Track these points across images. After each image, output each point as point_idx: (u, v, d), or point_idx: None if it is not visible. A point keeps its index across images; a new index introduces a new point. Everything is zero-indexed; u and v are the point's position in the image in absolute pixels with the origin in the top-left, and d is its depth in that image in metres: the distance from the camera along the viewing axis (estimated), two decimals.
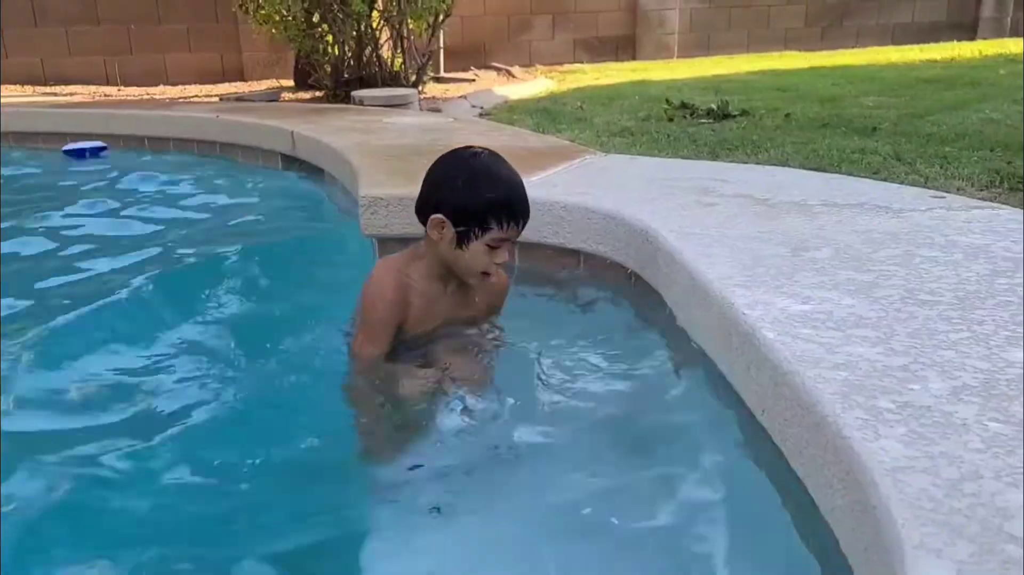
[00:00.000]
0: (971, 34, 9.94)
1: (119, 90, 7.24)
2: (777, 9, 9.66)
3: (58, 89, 7.19)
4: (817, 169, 3.04)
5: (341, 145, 3.44)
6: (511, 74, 7.98)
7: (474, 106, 5.69)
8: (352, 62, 6.13)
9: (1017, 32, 9.89)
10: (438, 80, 7.23)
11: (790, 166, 3.12)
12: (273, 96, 6.36)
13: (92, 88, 7.29)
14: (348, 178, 3.07)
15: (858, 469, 0.95)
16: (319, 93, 6.33)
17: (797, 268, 1.63)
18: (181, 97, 6.63)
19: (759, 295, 1.48)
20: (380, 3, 6.00)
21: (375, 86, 5.91)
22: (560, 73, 7.98)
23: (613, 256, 2.19)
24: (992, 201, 2.49)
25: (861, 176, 2.87)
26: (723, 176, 2.57)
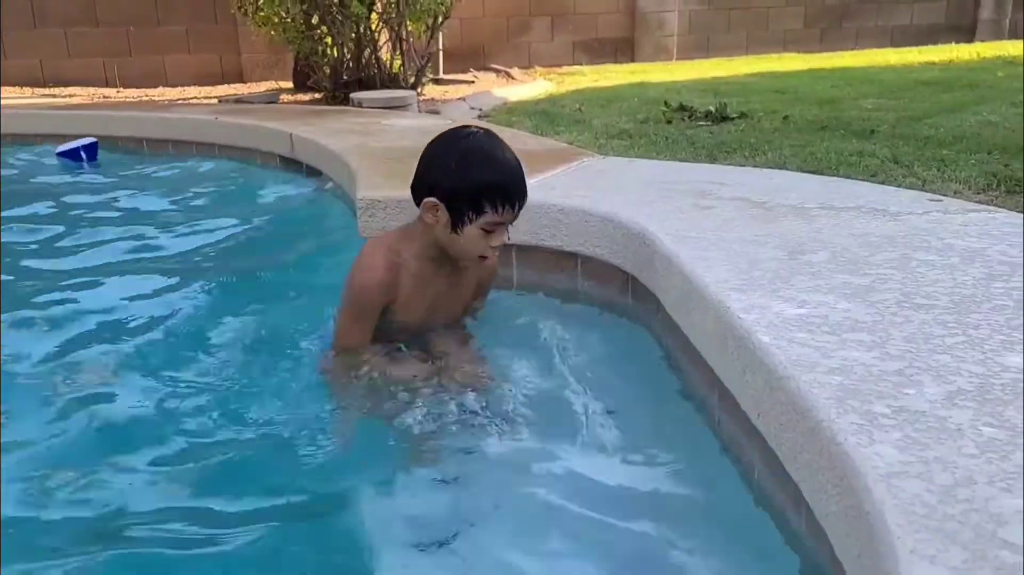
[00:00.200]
0: (969, 36, 9.95)
1: (118, 92, 7.24)
2: (776, 11, 9.67)
3: (57, 91, 7.19)
4: (815, 172, 3.05)
5: (340, 147, 3.44)
6: (510, 76, 7.98)
7: (473, 108, 5.70)
8: (351, 64, 6.13)
9: (1016, 34, 9.90)
10: (437, 82, 7.23)
11: (788, 169, 3.12)
12: (272, 98, 6.36)
13: (91, 90, 7.30)
14: (346, 180, 3.07)
15: (852, 474, 0.95)
16: (318, 95, 6.34)
17: (793, 272, 1.63)
18: (180, 99, 6.63)
19: (755, 299, 1.48)
20: (379, 5, 6.00)
21: (374, 88, 5.92)
22: (559, 75, 7.99)
23: (610, 259, 2.19)
24: (989, 204, 2.49)
25: (859, 179, 2.87)
26: (721, 179, 2.57)
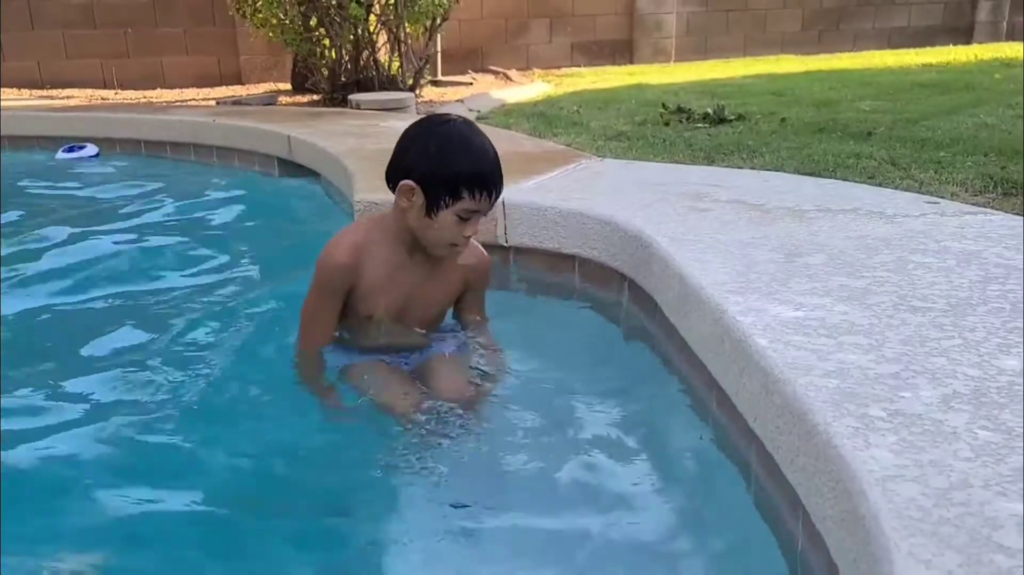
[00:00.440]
0: (967, 38, 9.97)
1: (116, 93, 7.23)
2: (774, 13, 9.68)
3: (55, 92, 7.18)
4: (812, 174, 3.05)
5: (337, 149, 3.45)
6: (508, 78, 7.99)
7: (471, 110, 5.69)
8: (349, 66, 6.13)
9: (1013, 36, 9.91)
10: (435, 84, 7.24)
11: (785, 171, 3.12)
12: (270, 100, 6.36)
13: (89, 91, 7.28)
14: (344, 182, 3.07)
15: (848, 478, 0.96)
16: (316, 97, 6.33)
17: (790, 274, 1.63)
18: (178, 100, 6.63)
19: (752, 301, 1.48)
20: (377, 7, 6.00)
21: (372, 90, 5.91)
22: (557, 77, 7.99)
23: (608, 261, 2.19)
24: (985, 206, 2.49)
25: (856, 181, 2.88)
26: (718, 181, 2.57)
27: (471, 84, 7.43)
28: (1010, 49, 8.26)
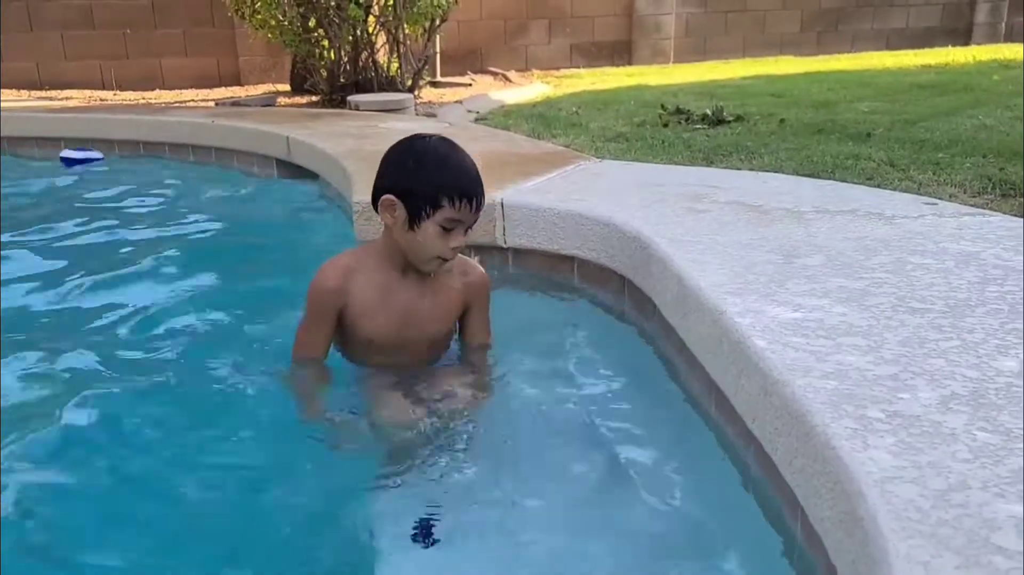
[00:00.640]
0: (965, 39, 9.98)
1: (115, 94, 7.23)
2: (773, 14, 9.69)
3: (54, 93, 7.18)
4: (811, 175, 3.05)
5: (336, 150, 3.44)
6: (507, 79, 7.99)
7: (470, 111, 5.69)
8: (348, 67, 6.13)
9: (1012, 38, 9.92)
10: (434, 85, 7.24)
11: (784, 172, 3.12)
12: (269, 101, 6.36)
13: (88, 92, 7.28)
14: (343, 184, 3.07)
15: (847, 479, 0.96)
16: (315, 98, 6.33)
17: (789, 275, 1.63)
18: (177, 102, 6.63)
19: (750, 303, 1.48)
20: (376, 8, 6.00)
21: (371, 91, 5.91)
22: (556, 78, 7.99)
23: (606, 262, 2.19)
24: (984, 208, 2.49)
25: (854, 182, 2.87)
26: (717, 182, 2.57)
27: (470, 85, 7.43)
28: (1009, 50, 8.27)
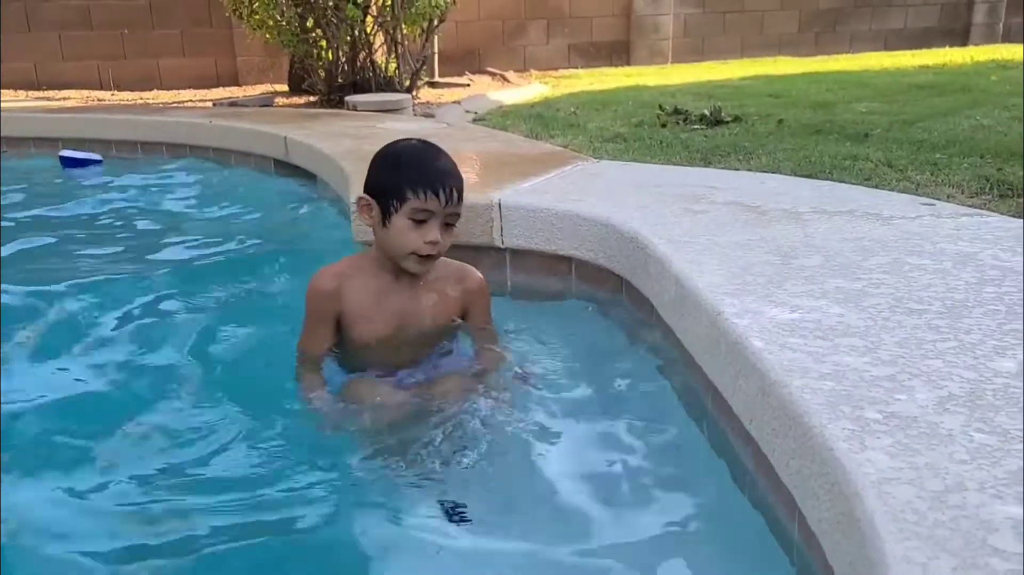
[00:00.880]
0: (963, 40, 10.00)
1: (113, 95, 7.22)
2: (771, 15, 9.70)
3: (51, 94, 7.17)
4: (809, 176, 3.05)
5: (334, 150, 3.44)
6: (505, 79, 7.99)
7: (468, 111, 5.69)
8: (346, 67, 6.12)
9: (1009, 38, 9.94)
10: (432, 85, 7.23)
11: (782, 172, 3.12)
12: (267, 101, 6.36)
13: (86, 93, 7.27)
14: (340, 184, 3.07)
15: (844, 481, 0.95)
16: (313, 98, 6.33)
17: (786, 276, 1.63)
18: (175, 102, 6.62)
19: (748, 303, 1.48)
20: (374, 8, 6.00)
21: (369, 91, 5.91)
22: (554, 78, 7.99)
23: (604, 263, 2.19)
24: (982, 208, 2.49)
25: (852, 183, 2.87)
26: (714, 183, 2.57)
27: (468, 85, 7.42)
28: (1006, 51, 8.28)
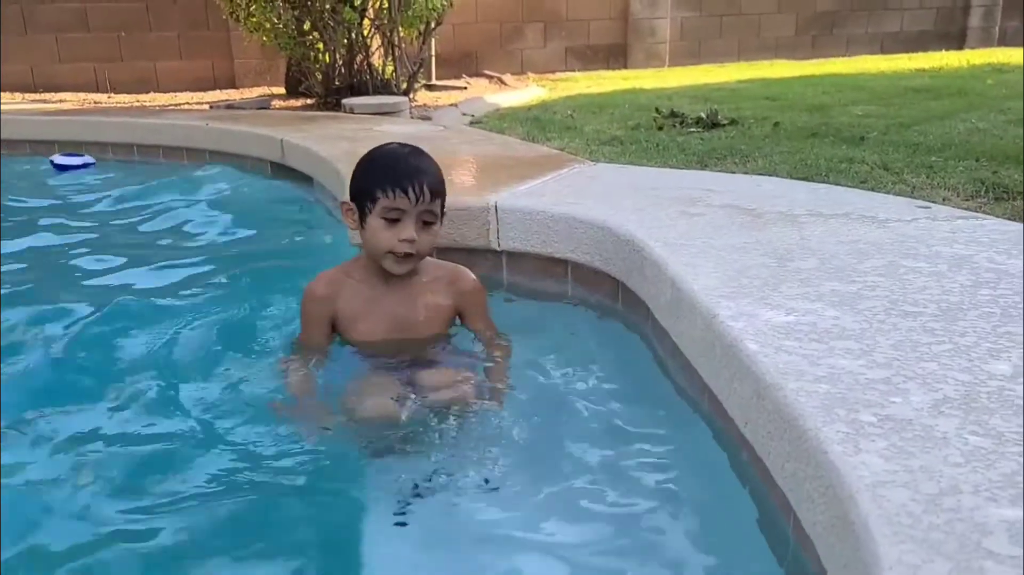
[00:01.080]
0: (959, 43, 10.03)
1: (109, 97, 7.21)
2: (767, 18, 9.72)
3: (48, 96, 7.16)
4: (805, 178, 3.05)
5: (330, 153, 3.44)
6: (502, 82, 7.99)
7: (465, 114, 5.69)
8: (343, 70, 6.12)
9: (1005, 42, 9.98)
10: (429, 88, 7.24)
11: (778, 175, 3.13)
12: (264, 104, 6.35)
13: (82, 95, 7.27)
14: (337, 186, 3.06)
15: (838, 484, 0.95)
16: (310, 101, 6.33)
17: (782, 279, 1.63)
18: (171, 105, 6.61)
19: (743, 306, 1.48)
20: (371, 11, 6.00)
21: (366, 94, 5.91)
22: (551, 81, 8.00)
23: (600, 266, 2.19)
24: (977, 211, 2.50)
25: (848, 185, 2.88)
26: (711, 186, 2.57)
27: (465, 88, 7.43)
28: (1002, 54, 8.31)
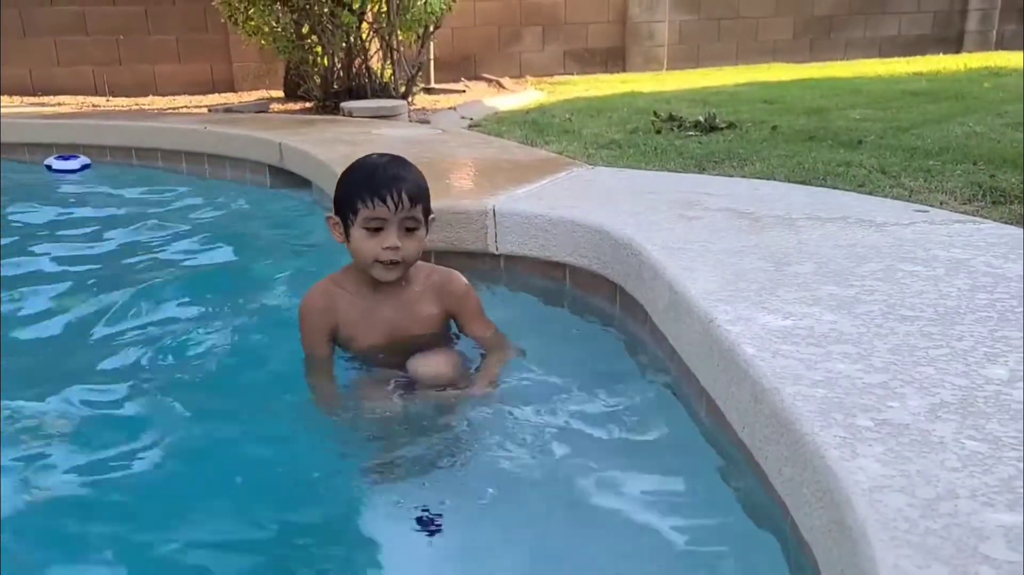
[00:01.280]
0: (956, 47, 10.04)
1: (108, 100, 7.21)
2: (765, 21, 9.73)
3: (46, 99, 7.16)
4: (802, 182, 3.05)
5: (329, 156, 3.44)
6: (501, 85, 8.00)
7: (463, 117, 5.69)
8: (341, 73, 6.12)
9: (1002, 46, 10.00)
10: (428, 91, 7.24)
11: (776, 179, 3.13)
12: (262, 107, 6.35)
13: (81, 99, 7.27)
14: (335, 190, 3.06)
15: (835, 488, 0.95)
16: (308, 104, 6.33)
17: (779, 283, 1.63)
18: (170, 108, 6.61)
19: (741, 310, 1.48)
20: (369, 14, 6.00)
21: (364, 97, 5.91)
22: (550, 84, 8.00)
23: (598, 269, 2.19)
24: (974, 215, 2.50)
25: (846, 189, 2.88)
26: (708, 189, 2.58)
27: (464, 92, 7.43)
28: (999, 58, 8.32)
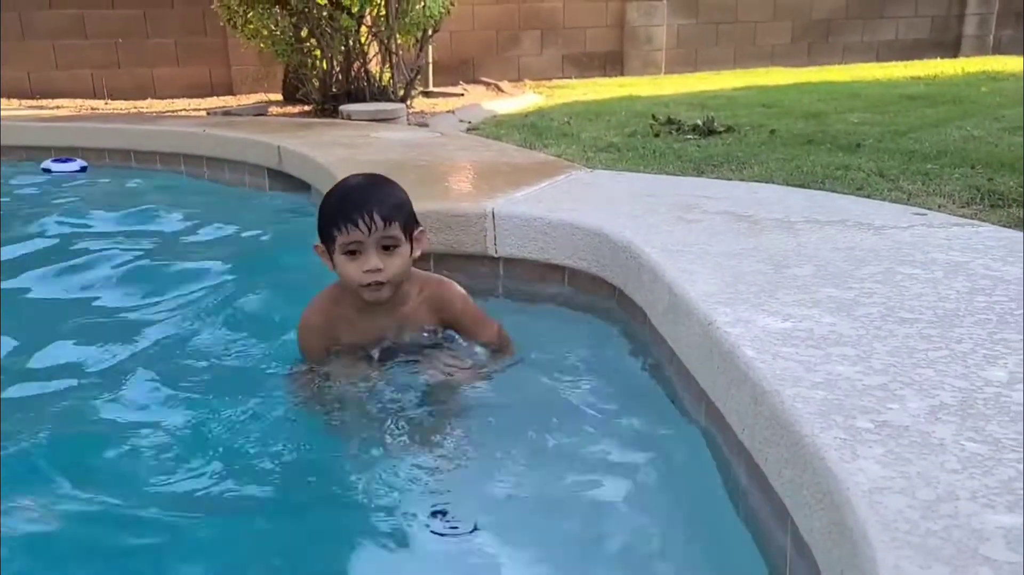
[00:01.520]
0: (954, 52, 10.07)
1: (106, 104, 7.22)
2: (763, 26, 9.76)
3: (45, 102, 7.16)
4: (801, 186, 3.06)
5: (327, 159, 3.44)
6: (500, 89, 8.01)
7: (462, 120, 5.70)
8: (340, 76, 6.13)
9: (999, 50, 10.03)
10: (426, 94, 7.25)
11: (774, 182, 3.14)
12: (261, 110, 6.36)
13: (79, 102, 7.27)
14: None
15: (835, 490, 0.95)
16: (307, 107, 6.33)
17: (778, 285, 1.63)
18: (169, 111, 6.62)
19: (740, 312, 1.48)
20: (368, 18, 6.01)
21: (363, 100, 5.92)
22: (548, 88, 8.02)
23: (597, 272, 2.19)
24: (972, 218, 2.51)
25: (844, 193, 2.89)
26: (707, 192, 2.58)
27: (462, 95, 7.44)
28: (996, 62, 8.35)
